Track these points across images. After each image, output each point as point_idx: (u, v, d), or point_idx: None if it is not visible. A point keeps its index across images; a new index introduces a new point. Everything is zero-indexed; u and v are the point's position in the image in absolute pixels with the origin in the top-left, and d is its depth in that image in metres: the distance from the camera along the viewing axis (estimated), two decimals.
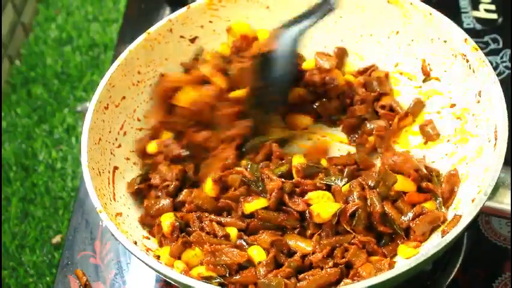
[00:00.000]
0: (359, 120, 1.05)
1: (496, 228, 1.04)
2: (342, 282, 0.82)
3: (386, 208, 0.88)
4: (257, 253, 0.86)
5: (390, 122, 1.04)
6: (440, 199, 0.90)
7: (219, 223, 0.90)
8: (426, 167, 0.94)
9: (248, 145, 1.01)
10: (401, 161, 0.93)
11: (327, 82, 1.06)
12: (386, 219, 0.88)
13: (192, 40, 1.11)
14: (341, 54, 1.12)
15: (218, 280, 0.84)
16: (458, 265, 0.99)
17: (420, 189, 0.92)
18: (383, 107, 1.05)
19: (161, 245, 0.92)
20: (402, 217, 0.88)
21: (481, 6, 1.37)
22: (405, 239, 0.87)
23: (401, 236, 0.87)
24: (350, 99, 1.07)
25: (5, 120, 1.97)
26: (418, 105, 1.03)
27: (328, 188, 0.93)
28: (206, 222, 0.90)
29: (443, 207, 0.89)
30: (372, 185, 0.90)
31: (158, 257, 0.89)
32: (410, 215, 0.87)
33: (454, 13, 1.35)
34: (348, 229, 0.87)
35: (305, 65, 1.11)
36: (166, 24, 1.07)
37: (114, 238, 0.84)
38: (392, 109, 1.05)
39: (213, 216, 0.91)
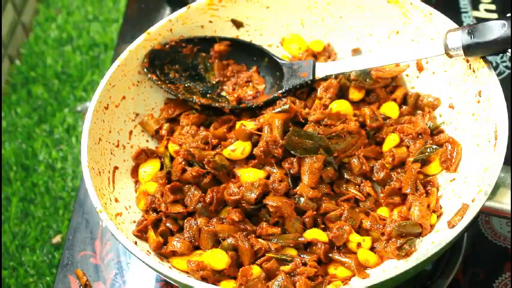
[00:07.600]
0: None
1: (496, 228, 1.04)
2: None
3: None
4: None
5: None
6: None
7: None
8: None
9: None
10: None
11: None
12: None
13: None
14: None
15: None
16: (458, 265, 0.99)
17: None
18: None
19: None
20: None
21: (481, 6, 1.38)
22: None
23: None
24: None
25: (5, 120, 1.96)
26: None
27: None
28: None
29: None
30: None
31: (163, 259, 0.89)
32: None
33: (454, 13, 1.35)
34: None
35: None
36: (166, 24, 1.07)
37: (114, 238, 0.84)
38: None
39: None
